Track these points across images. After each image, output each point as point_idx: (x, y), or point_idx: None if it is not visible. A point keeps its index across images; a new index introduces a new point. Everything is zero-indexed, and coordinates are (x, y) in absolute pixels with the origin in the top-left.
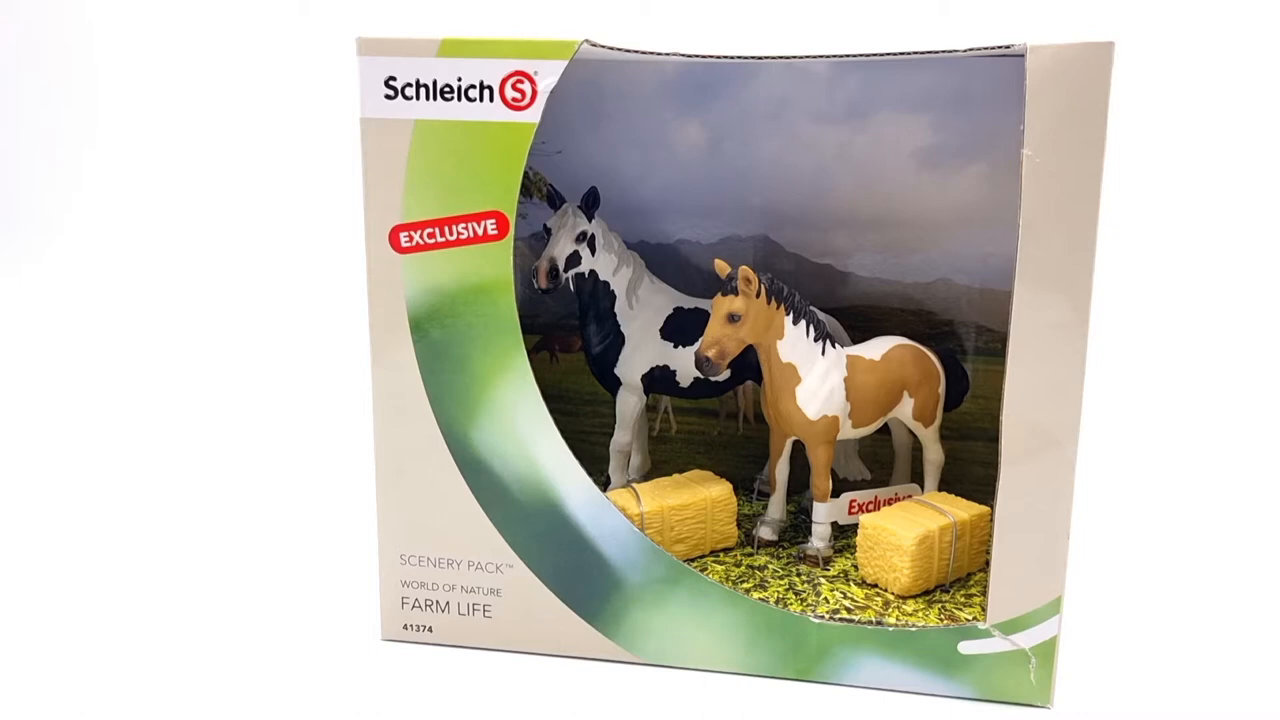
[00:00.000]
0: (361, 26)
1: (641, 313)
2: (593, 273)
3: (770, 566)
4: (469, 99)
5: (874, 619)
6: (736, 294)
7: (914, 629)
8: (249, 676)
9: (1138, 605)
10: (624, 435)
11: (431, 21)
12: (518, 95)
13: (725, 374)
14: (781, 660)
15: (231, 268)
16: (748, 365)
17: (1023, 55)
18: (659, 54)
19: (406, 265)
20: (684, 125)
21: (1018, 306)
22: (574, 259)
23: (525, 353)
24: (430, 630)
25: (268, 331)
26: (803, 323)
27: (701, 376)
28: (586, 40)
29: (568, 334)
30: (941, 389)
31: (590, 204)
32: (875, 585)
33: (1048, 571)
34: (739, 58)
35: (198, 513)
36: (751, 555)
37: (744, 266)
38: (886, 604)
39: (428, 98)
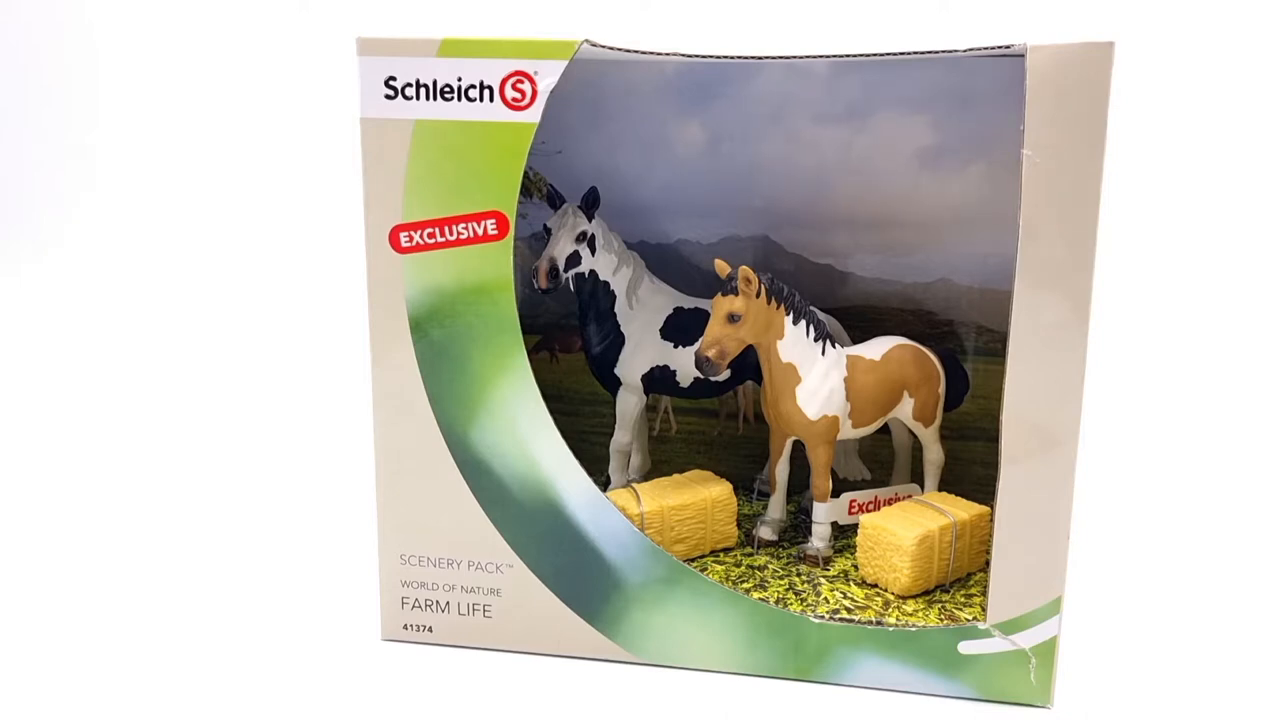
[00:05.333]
0: (361, 26)
1: (641, 313)
2: (593, 273)
3: (770, 566)
4: (469, 99)
5: (874, 619)
6: (736, 294)
7: (914, 629)
8: (249, 676)
9: (1138, 605)
10: (624, 435)
11: (431, 21)
12: (518, 95)
13: (725, 374)
14: (781, 660)
15: (232, 268)
16: (748, 365)
17: (1023, 55)
18: (659, 54)
19: (406, 265)
20: (684, 125)
21: (1018, 306)
22: (574, 259)
23: (525, 353)
24: (430, 630)
25: (268, 332)
26: (803, 323)
27: (701, 376)
28: (586, 40)
29: (568, 334)
30: (941, 389)
31: (590, 204)
32: (875, 585)
33: (1048, 571)
34: (739, 58)
35: (198, 513)
36: (751, 555)
37: (744, 266)
38: (886, 604)
39: (428, 98)
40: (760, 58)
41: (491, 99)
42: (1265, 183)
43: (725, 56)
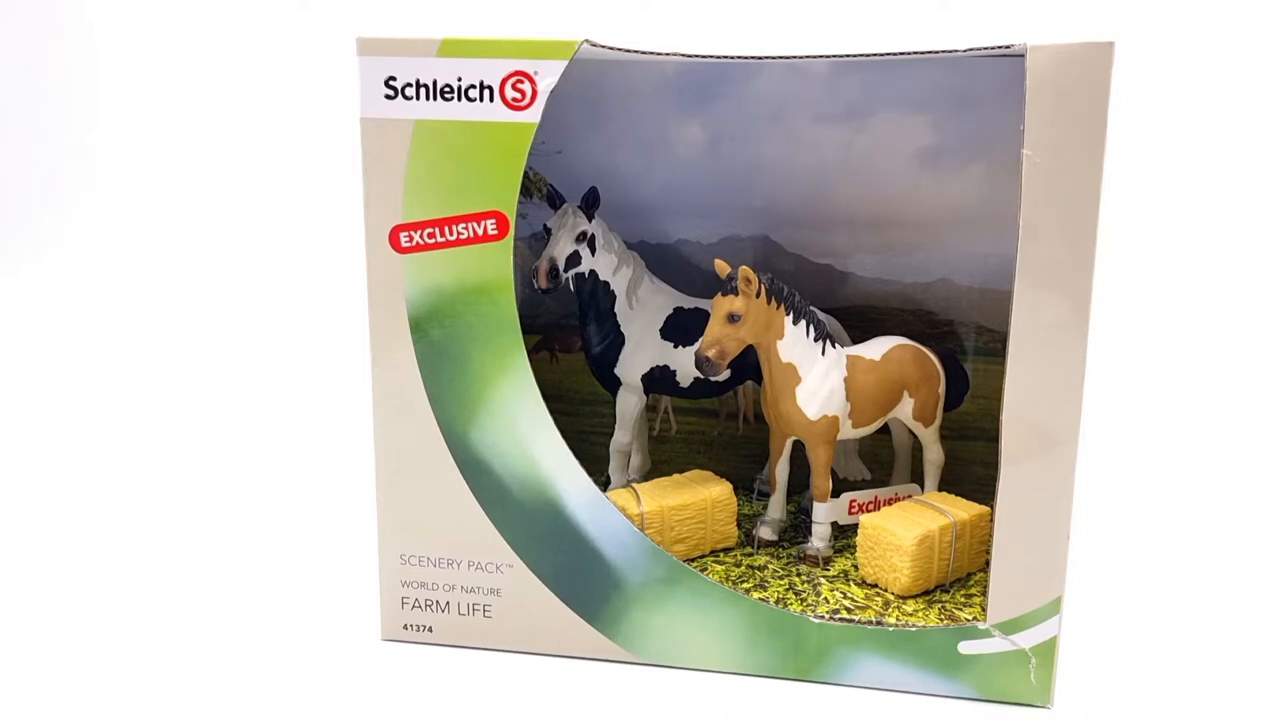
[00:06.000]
0: (361, 26)
1: (641, 313)
2: (593, 273)
3: (770, 566)
4: (469, 99)
5: (874, 619)
6: (736, 294)
7: (914, 629)
8: (249, 676)
9: (1138, 605)
10: (624, 435)
11: (431, 21)
12: (518, 95)
13: (725, 374)
14: (781, 660)
15: (232, 268)
16: (748, 365)
17: (1023, 55)
18: (659, 54)
19: (406, 265)
20: (684, 125)
21: (1018, 306)
22: (574, 259)
23: (525, 353)
24: (430, 630)
25: (268, 332)
26: (803, 323)
27: (701, 376)
28: (586, 40)
29: (568, 334)
30: (941, 389)
31: (590, 204)
32: (875, 585)
33: (1048, 571)
34: (739, 58)
35: (198, 513)
36: (751, 555)
37: (744, 266)
38: (886, 604)
39: (428, 98)
40: (760, 58)
41: (491, 99)
42: (1265, 183)
43: (725, 56)
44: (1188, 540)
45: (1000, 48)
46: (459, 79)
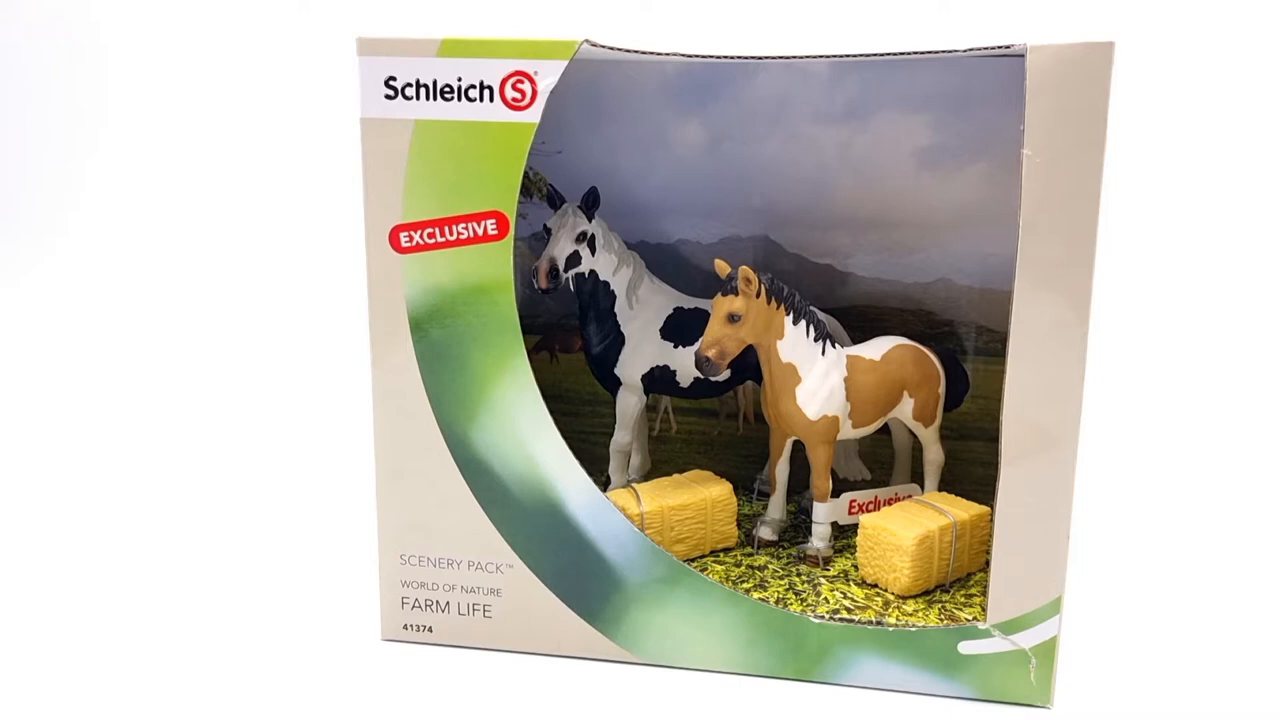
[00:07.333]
0: (361, 26)
1: (641, 313)
2: (593, 273)
3: (770, 566)
4: (469, 99)
5: (874, 619)
6: (736, 294)
7: (914, 629)
8: (249, 676)
9: (1138, 605)
10: (624, 435)
11: (431, 21)
12: (518, 95)
13: (725, 374)
14: (781, 660)
15: (232, 268)
16: (748, 365)
17: (1023, 55)
18: (659, 54)
19: (406, 265)
20: (684, 125)
21: (1018, 306)
22: (574, 259)
23: (525, 353)
24: (430, 630)
25: (268, 332)
26: (803, 323)
27: (701, 376)
28: (586, 40)
29: (568, 334)
30: (941, 389)
31: (590, 204)
32: (875, 585)
33: (1048, 571)
34: (739, 58)
35: (198, 513)
36: (751, 555)
37: (744, 266)
38: (886, 604)
39: (428, 98)
40: (760, 58)
41: (491, 99)
42: (1265, 182)
43: (725, 56)
44: (1187, 540)
45: (1000, 48)
46: (459, 79)
